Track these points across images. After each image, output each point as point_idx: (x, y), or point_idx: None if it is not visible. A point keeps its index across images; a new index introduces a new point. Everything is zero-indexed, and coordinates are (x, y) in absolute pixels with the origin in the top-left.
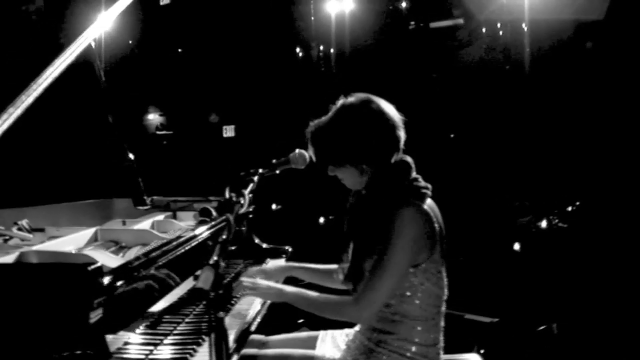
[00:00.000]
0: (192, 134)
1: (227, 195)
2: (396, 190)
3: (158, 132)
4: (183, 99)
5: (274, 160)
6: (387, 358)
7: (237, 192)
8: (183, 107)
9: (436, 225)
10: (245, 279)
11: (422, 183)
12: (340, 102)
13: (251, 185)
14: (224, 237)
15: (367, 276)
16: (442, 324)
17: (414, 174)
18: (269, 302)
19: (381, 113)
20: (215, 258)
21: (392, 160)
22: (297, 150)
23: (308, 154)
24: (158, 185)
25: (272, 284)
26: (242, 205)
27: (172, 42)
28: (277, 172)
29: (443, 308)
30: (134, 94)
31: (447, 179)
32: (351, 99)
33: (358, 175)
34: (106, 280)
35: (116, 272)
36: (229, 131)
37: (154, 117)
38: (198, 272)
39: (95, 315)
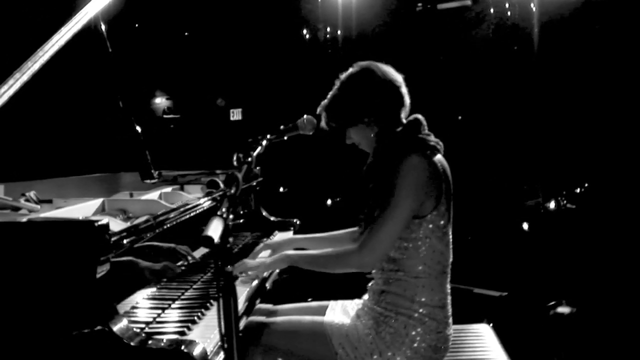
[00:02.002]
0: (199, 118)
1: (234, 161)
2: (405, 142)
3: (165, 116)
4: (190, 82)
5: (281, 127)
6: (395, 322)
7: (244, 153)
8: (190, 91)
9: (443, 178)
10: (249, 262)
11: (433, 138)
12: (345, 74)
13: (259, 148)
14: (232, 191)
15: (373, 223)
16: (449, 287)
17: (425, 131)
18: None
19: (382, 73)
20: (224, 210)
21: (403, 118)
22: (305, 116)
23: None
24: (165, 162)
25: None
26: (249, 166)
27: (179, 26)
28: (285, 138)
29: (449, 269)
30: (140, 78)
31: (455, 161)
32: (353, 67)
33: (370, 133)
34: (114, 238)
35: (124, 231)
36: (236, 114)
37: (161, 101)
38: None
39: (102, 271)
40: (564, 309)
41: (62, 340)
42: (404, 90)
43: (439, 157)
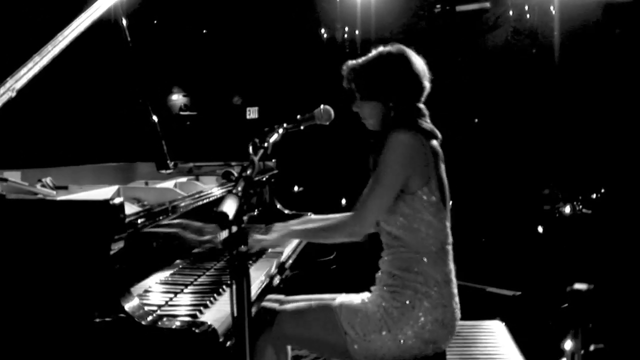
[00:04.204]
0: (216, 115)
1: (250, 146)
2: (400, 123)
3: (182, 113)
4: (207, 80)
5: (298, 116)
6: (401, 297)
7: (261, 139)
8: (207, 89)
9: (432, 158)
10: (256, 236)
11: (429, 125)
12: (378, 48)
13: (275, 135)
14: (247, 172)
15: (363, 192)
16: (452, 267)
17: (426, 119)
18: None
19: (412, 63)
20: (239, 189)
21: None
22: (322, 106)
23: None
24: (181, 154)
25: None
26: (266, 151)
27: (197, 23)
28: (302, 127)
29: (449, 247)
30: (158, 74)
31: (470, 163)
32: (388, 46)
33: (379, 111)
34: (128, 218)
35: (138, 212)
36: (252, 113)
37: (177, 98)
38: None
39: (115, 248)
40: (581, 286)
41: (74, 316)
42: (427, 84)
43: (431, 142)
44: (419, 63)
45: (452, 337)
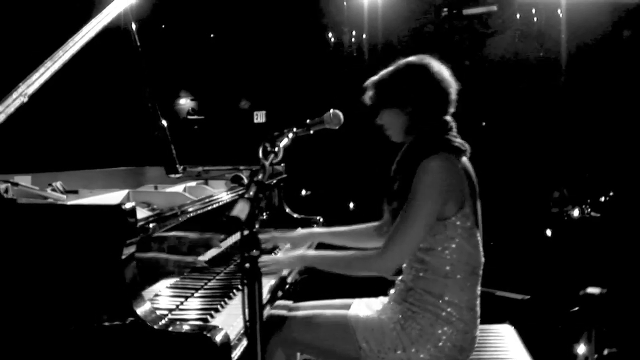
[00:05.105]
0: (224, 119)
1: (260, 151)
2: (430, 142)
3: (189, 117)
4: (215, 84)
5: (308, 120)
6: (422, 319)
7: (271, 143)
8: (214, 93)
9: (467, 180)
10: (263, 258)
11: (459, 141)
12: (404, 60)
13: (285, 140)
14: (259, 177)
15: (393, 227)
16: (479, 290)
17: (453, 132)
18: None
19: (437, 73)
20: (251, 193)
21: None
22: (331, 110)
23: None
24: (190, 158)
25: (292, 253)
26: (275, 155)
27: (205, 27)
28: (311, 132)
29: (479, 271)
30: (165, 78)
31: (478, 167)
32: (414, 57)
33: (403, 123)
34: (140, 223)
35: (150, 217)
36: (260, 117)
37: (185, 102)
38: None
39: (127, 253)
40: (594, 290)
41: (86, 320)
42: (453, 96)
43: (462, 160)
44: (442, 72)
45: (468, 359)
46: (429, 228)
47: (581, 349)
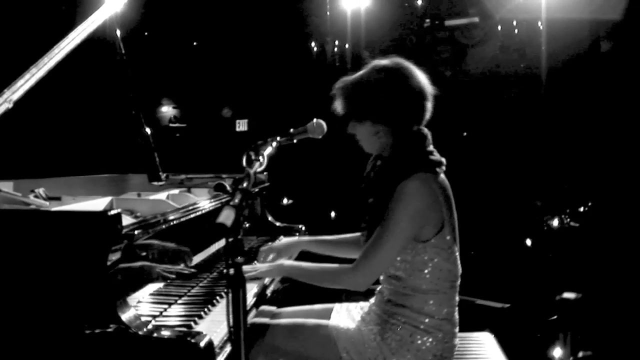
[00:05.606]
0: (206, 127)
1: (244, 159)
2: (407, 160)
3: (171, 125)
4: (197, 92)
5: (291, 129)
6: (401, 329)
7: (255, 151)
8: (196, 101)
9: (444, 201)
10: (245, 267)
11: (436, 156)
12: (373, 62)
13: (269, 148)
14: (244, 185)
15: (367, 244)
16: (457, 299)
17: (430, 147)
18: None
19: (411, 79)
20: (236, 201)
21: (412, 129)
22: (315, 120)
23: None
24: (172, 166)
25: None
26: (260, 164)
27: (187, 35)
28: (294, 141)
29: (457, 283)
30: (147, 86)
31: (458, 177)
32: (384, 60)
33: (375, 135)
34: (125, 230)
35: (134, 224)
36: (242, 125)
37: (167, 110)
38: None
39: (112, 259)
40: (570, 295)
41: (70, 327)
42: (430, 104)
43: (441, 178)
44: (419, 79)
45: None
46: (402, 249)
47: (557, 352)
